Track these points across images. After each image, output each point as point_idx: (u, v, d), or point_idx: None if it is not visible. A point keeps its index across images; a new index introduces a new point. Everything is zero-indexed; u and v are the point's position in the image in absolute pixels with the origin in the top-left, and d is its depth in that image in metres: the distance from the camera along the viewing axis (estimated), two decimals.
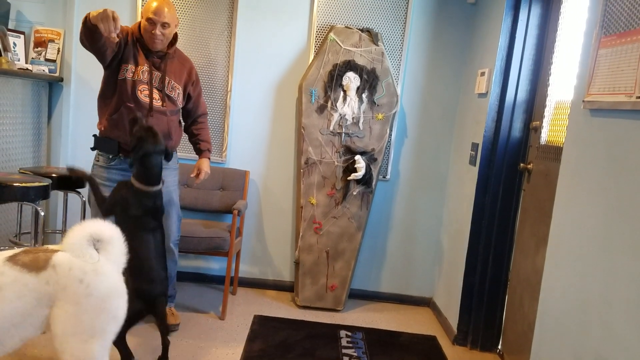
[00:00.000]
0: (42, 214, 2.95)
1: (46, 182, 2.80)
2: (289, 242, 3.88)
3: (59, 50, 3.62)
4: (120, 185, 2.58)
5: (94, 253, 1.87)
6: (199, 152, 3.13)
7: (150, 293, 2.52)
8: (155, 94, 2.81)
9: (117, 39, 2.68)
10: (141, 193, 2.51)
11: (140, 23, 2.81)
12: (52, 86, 3.69)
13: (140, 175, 2.51)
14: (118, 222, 2.47)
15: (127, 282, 2.01)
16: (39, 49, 3.62)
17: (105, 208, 2.55)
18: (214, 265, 3.92)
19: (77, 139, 3.71)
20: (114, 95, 2.78)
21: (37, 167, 3.47)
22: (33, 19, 3.70)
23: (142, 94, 2.78)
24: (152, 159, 2.51)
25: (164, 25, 2.74)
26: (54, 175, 3.15)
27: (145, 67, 2.79)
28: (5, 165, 3.27)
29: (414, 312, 3.83)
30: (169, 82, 2.86)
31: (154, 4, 2.73)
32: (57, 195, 3.67)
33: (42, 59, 3.61)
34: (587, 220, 1.95)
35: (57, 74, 3.63)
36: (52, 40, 3.62)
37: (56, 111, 3.70)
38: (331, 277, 3.63)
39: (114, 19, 2.36)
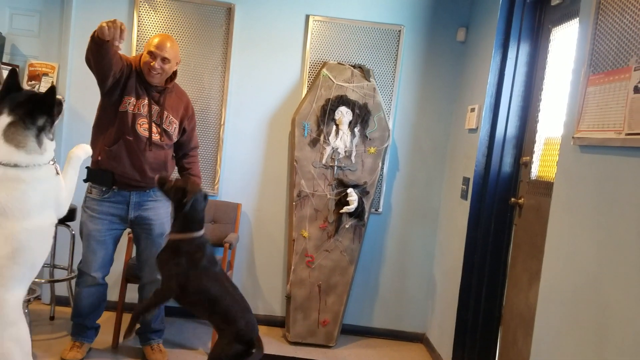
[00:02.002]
0: None
1: None
2: (280, 276, 3.85)
3: (52, 84, 3.64)
4: (170, 255, 2.42)
5: None
6: None
7: (250, 334, 2.43)
8: (154, 128, 2.83)
9: (122, 63, 2.71)
10: (199, 241, 2.44)
11: (141, 56, 2.84)
12: None
13: (187, 225, 2.42)
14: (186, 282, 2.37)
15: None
16: (33, 82, 3.63)
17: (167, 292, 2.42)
18: None
19: None
20: (113, 126, 2.78)
21: None
22: (28, 53, 3.73)
23: (142, 128, 2.79)
24: (200, 204, 2.46)
25: (164, 60, 2.76)
26: None
27: (145, 101, 2.81)
28: None
29: (407, 348, 3.77)
30: (167, 117, 2.87)
31: (157, 39, 2.78)
32: None
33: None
34: (580, 256, 1.95)
35: None
36: (46, 74, 3.64)
37: None
38: (323, 312, 3.58)
39: (121, 29, 2.39)
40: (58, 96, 1.96)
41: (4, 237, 1.71)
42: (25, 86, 3.62)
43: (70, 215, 3.25)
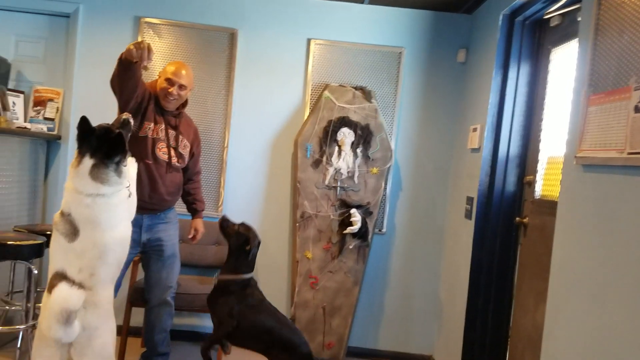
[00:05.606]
0: (35, 272, 2.91)
1: (40, 240, 2.78)
2: (284, 298, 3.82)
3: (57, 109, 3.67)
4: (220, 295, 2.59)
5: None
6: (195, 212, 3.18)
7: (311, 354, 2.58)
8: (172, 152, 2.90)
9: (144, 88, 2.79)
10: (247, 282, 2.62)
11: (156, 82, 2.92)
12: (50, 144, 3.72)
13: (239, 267, 2.62)
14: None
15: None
16: (38, 107, 3.67)
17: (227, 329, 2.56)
18: (208, 323, 3.81)
19: None
20: (133, 151, 2.81)
21: (32, 224, 3.44)
22: (33, 79, 3.77)
23: (161, 152, 2.87)
24: (254, 251, 2.69)
25: (181, 87, 2.87)
26: (48, 233, 3.12)
27: (163, 126, 2.88)
28: (0, 223, 3.24)
29: None
30: (181, 140, 2.95)
31: (174, 66, 2.88)
32: None
33: (41, 117, 3.66)
34: (585, 276, 1.94)
35: (55, 132, 3.67)
36: (51, 100, 3.68)
37: (53, 169, 3.72)
38: (328, 334, 3.55)
39: (149, 49, 2.46)
40: (124, 116, 2.32)
41: (93, 243, 2.08)
42: (31, 112, 3.66)
43: None
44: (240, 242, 2.63)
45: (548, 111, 2.85)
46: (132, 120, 2.32)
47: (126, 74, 2.57)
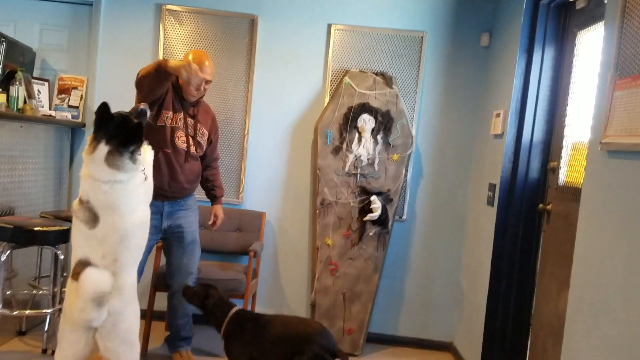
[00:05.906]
0: (62, 257, 2.98)
1: (66, 226, 2.84)
2: (305, 284, 3.85)
3: (82, 97, 3.73)
4: (232, 345, 2.73)
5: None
6: (214, 198, 3.22)
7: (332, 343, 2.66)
8: (191, 141, 2.92)
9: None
10: (238, 316, 2.75)
11: None
12: (75, 131, 3.78)
13: (219, 314, 2.77)
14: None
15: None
16: (63, 95, 3.73)
17: None
18: None
19: None
20: (151, 140, 2.84)
21: (58, 211, 3.52)
22: (57, 67, 3.83)
23: (180, 141, 2.89)
24: (220, 302, 2.83)
25: (207, 82, 2.90)
26: None
27: (181, 115, 2.90)
28: (27, 209, 3.32)
29: (434, 357, 3.73)
30: (199, 129, 2.97)
31: (198, 59, 2.85)
32: None
33: (65, 105, 3.72)
34: (609, 264, 1.91)
35: (79, 120, 3.73)
36: (75, 88, 3.73)
37: (78, 156, 3.78)
38: (348, 320, 3.57)
39: (196, 74, 2.58)
40: (142, 106, 2.33)
41: (114, 229, 2.11)
42: (56, 100, 3.73)
43: None
44: (201, 300, 2.78)
45: (573, 96, 2.78)
46: (148, 111, 2.33)
47: (160, 82, 2.65)
